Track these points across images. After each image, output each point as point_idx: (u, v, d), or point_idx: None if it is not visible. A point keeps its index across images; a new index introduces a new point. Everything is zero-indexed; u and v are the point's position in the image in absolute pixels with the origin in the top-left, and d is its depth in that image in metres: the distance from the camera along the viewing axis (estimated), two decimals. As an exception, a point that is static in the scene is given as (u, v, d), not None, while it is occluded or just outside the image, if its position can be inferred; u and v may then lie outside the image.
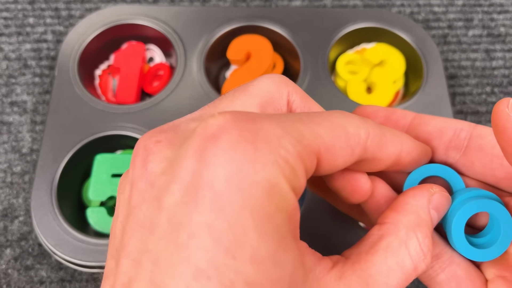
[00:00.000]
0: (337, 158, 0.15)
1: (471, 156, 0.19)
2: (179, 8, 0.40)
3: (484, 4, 0.45)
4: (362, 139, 0.16)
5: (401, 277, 0.15)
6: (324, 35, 0.39)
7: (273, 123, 0.14)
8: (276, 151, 0.13)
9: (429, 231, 0.17)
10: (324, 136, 0.15)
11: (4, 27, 0.43)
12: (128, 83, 0.38)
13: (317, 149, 0.15)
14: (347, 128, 0.15)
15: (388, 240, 0.16)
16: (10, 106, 0.39)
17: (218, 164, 0.13)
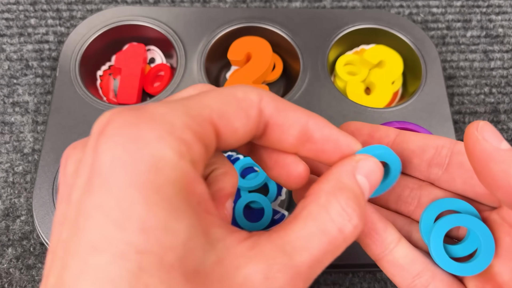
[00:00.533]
0: (234, 121, 0.16)
1: (452, 173, 0.19)
2: (179, 9, 0.40)
3: (482, 5, 0.46)
4: (255, 101, 0.16)
5: (323, 241, 0.15)
6: (323, 36, 0.39)
7: (159, 104, 0.15)
8: (160, 127, 0.14)
9: (354, 195, 0.16)
10: (212, 104, 0.15)
11: (5, 28, 0.43)
12: (129, 83, 0.38)
13: (208, 117, 0.15)
14: (236, 94, 0.16)
15: (309, 208, 0.16)
16: (12, 106, 0.40)
17: (105, 151, 0.14)
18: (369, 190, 0.17)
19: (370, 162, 0.18)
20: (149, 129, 0.14)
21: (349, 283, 0.34)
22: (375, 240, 0.19)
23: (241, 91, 0.16)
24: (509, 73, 0.42)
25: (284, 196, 0.37)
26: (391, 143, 0.20)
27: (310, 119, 0.18)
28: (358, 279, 0.34)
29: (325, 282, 0.34)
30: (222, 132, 0.16)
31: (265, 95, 0.17)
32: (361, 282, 0.34)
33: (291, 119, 0.17)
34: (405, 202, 0.21)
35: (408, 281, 0.19)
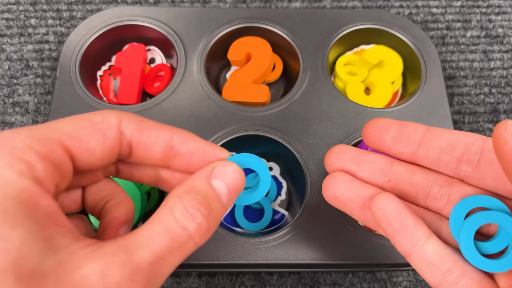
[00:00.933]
0: (88, 142, 0.17)
1: (482, 170, 0.19)
2: (179, 9, 0.40)
3: (482, 5, 0.46)
4: (113, 124, 0.18)
5: (166, 238, 0.16)
6: (323, 36, 0.39)
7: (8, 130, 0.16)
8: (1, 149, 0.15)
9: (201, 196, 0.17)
10: (64, 128, 0.17)
11: (6, 28, 0.43)
12: (130, 83, 0.38)
13: (57, 139, 0.17)
14: (93, 118, 0.18)
15: (158, 212, 0.17)
16: (12, 106, 0.40)
17: None
18: (228, 193, 0.18)
19: (227, 167, 0.19)
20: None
21: (349, 283, 0.34)
22: (405, 236, 0.19)
23: (99, 116, 0.18)
24: (508, 73, 0.42)
25: (284, 196, 0.37)
26: (420, 140, 0.20)
27: (174, 135, 0.19)
28: (358, 279, 0.35)
29: (325, 282, 0.34)
30: (76, 153, 0.17)
31: (125, 117, 0.18)
32: (361, 282, 0.34)
33: (153, 137, 0.19)
34: (434, 199, 0.21)
35: (438, 277, 0.19)
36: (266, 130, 0.35)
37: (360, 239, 0.31)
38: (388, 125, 0.21)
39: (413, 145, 0.20)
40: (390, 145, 0.21)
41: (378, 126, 0.21)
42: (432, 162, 0.20)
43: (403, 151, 0.21)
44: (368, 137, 0.21)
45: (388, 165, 0.21)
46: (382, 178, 0.21)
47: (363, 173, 0.21)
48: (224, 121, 0.35)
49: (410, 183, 0.21)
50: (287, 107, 0.36)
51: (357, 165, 0.21)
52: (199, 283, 0.34)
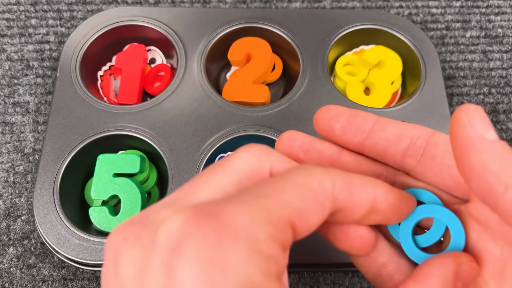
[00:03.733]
0: (310, 218, 0.15)
1: (424, 165, 0.19)
2: (179, 10, 0.40)
3: (481, 5, 0.46)
4: (329, 191, 0.16)
5: None
6: (323, 36, 0.39)
7: (237, 210, 0.13)
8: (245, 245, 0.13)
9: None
10: (292, 202, 0.15)
11: (6, 28, 0.43)
12: (130, 83, 0.38)
13: (289, 219, 0.14)
14: (311, 184, 0.15)
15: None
16: (13, 106, 0.40)
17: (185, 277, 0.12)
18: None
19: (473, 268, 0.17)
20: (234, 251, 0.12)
21: (349, 282, 0.34)
22: None
23: (316, 180, 0.15)
24: (508, 73, 0.42)
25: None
26: (368, 130, 0.20)
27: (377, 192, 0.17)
28: (358, 278, 0.35)
29: (325, 282, 0.35)
30: (298, 230, 0.15)
31: (339, 180, 0.16)
32: (361, 282, 0.34)
33: (361, 200, 0.17)
34: None
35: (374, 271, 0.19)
36: (266, 130, 0.35)
37: (360, 239, 0.31)
38: (338, 113, 0.20)
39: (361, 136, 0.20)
40: (339, 134, 0.20)
41: (329, 114, 0.20)
42: (378, 154, 0.20)
43: (351, 141, 0.20)
44: (318, 124, 0.21)
45: (336, 154, 0.21)
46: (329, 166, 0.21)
47: (310, 161, 0.21)
48: (224, 121, 0.35)
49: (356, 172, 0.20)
50: (287, 107, 0.36)
51: (305, 153, 0.21)
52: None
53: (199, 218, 0.13)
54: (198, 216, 0.13)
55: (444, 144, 0.18)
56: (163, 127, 0.35)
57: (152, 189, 0.36)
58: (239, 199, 0.14)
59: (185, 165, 0.34)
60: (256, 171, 0.16)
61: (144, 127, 0.35)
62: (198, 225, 0.13)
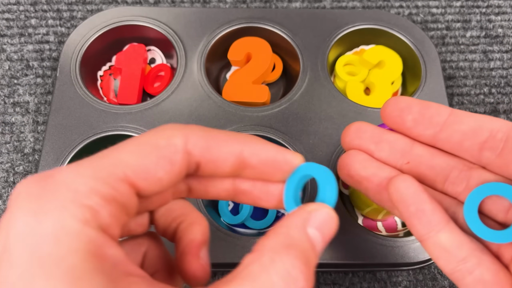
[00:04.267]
0: (155, 172, 0.16)
1: (506, 158, 0.18)
2: (179, 10, 0.40)
3: (482, 5, 0.46)
4: (179, 146, 0.16)
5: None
6: (323, 36, 0.39)
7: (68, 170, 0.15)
8: (62, 196, 0.14)
9: (302, 252, 0.15)
10: (128, 159, 0.15)
11: (6, 28, 0.43)
12: (130, 84, 0.38)
13: (122, 175, 0.15)
14: (157, 142, 0.16)
15: (250, 268, 0.15)
16: (13, 106, 0.40)
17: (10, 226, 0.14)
18: (322, 244, 0.16)
19: (324, 212, 0.17)
20: (51, 200, 0.14)
21: (349, 282, 0.34)
22: (422, 220, 0.18)
23: (163, 138, 0.16)
24: (508, 73, 0.42)
25: (284, 196, 0.37)
26: (443, 123, 0.19)
27: (244, 148, 0.17)
28: (358, 278, 0.35)
29: (325, 282, 0.34)
30: (142, 186, 0.16)
31: (192, 135, 0.17)
32: (361, 282, 0.34)
33: (223, 153, 0.17)
34: (453, 183, 0.20)
35: (452, 265, 0.18)
36: (266, 130, 0.35)
37: (360, 239, 0.31)
38: (409, 105, 0.20)
39: (435, 128, 0.19)
40: (410, 127, 0.20)
41: (399, 106, 0.20)
42: (453, 147, 0.19)
43: (423, 134, 0.20)
44: (387, 116, 0.20)
45: (408, 146, 0.20)
46: (401, 160, 0.21)
47: (381, 152, 0.21)
48: (224, 121, 0.35)
49: (430, 166, 0.20)
50: (287, 107, 0.36)
51: (376, 144, 0.20)
52: (199, 283, 0.34)
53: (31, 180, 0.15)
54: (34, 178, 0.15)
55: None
56: (163, 127, 0.35)
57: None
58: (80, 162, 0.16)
59: (185, 165, 0.33)
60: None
61: (144, 127, 0.35)
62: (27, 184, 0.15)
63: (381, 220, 0.35)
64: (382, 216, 0.34)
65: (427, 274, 0.35)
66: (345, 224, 0.32)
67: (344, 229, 0.32)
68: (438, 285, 0.35)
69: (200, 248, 0.18)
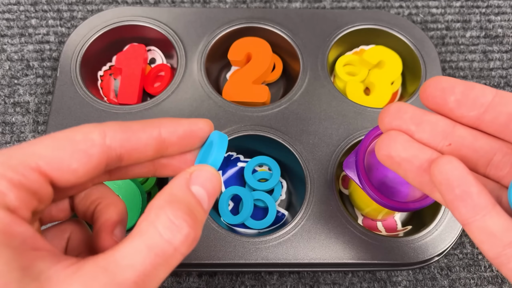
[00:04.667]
0: (69, 164, 0.17)
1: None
2: (180, 10, 0.40)
3: (481, 5, 0.46)
4: (97, 140, 0.17)
5: (150, 255, 0.15)
6: (323, 36, 0.39)
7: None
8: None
9: (185, 205, 0.17)
10: (41, 151, 0.16)
11: (6, 29, 0.43)
12: (130, 84, 0.38)
13: (34, 165, 0.16)
14: (74, 137, 0.17)
15: (139, 226, 0.16)
16: (13, 106, 0.40)
17: None
18: (208, 198, 0.18)
19: (204, 171, 0.18)
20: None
21: (348, 282, 0.35)
22: (467, 203, 0.18)
23: (79, 133, 0.17)
24: (508, 73, 0.42)
25: (284, 196, 0.37)
26: (488, 104, 0.19)
27: (161, 129, 0.19)
28: (357, 278, 0.35)
29: (325, 282, 0.35)
30: (56, 175, 0.17)
31: (109, 129, 0.18)
32: (361, 282, 0.35)
33: (143, 140, 0.18)
34: (496, 167, 0.20)
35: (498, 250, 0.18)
36: (266, 130, 0.35)
37: (360, 239, 0.31)
38: (452, 85, 0.19)
39: (479, 109, 0.19)
40: (453, 107, 0.19)
41: (441, 85, 0.19)
42: (498, 129, 0.19)
43: (467, 115, 0.19)
44: (428, 97, 0.20)
45: (450, 128, 0.20)
46: (442, 141, 0.20)
47: (423, 133, 0.20)
48: (224, 121, 0.35)
49: (472, 149, 0.20)
50: (287, 107, 0.36)
51: (417, 125, 0.20)
52: (199, 283, 0.34)
53: None
54: None
55: None
56: (163, 127, 0.35)
57: (152, 189, 0.36)
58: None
59: (185, 165, 0.34)
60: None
61: (144, 127, 0.35)
62: None
63: (381, 220, 0.35)
64: (382, 216, 0.34)
65: (427, 274, 0.35)
66: (345, 224, 0.32)
67: (344, 229, 0.32)
68: (438, 284, 0.35)
69: (114, 227, 0.19)
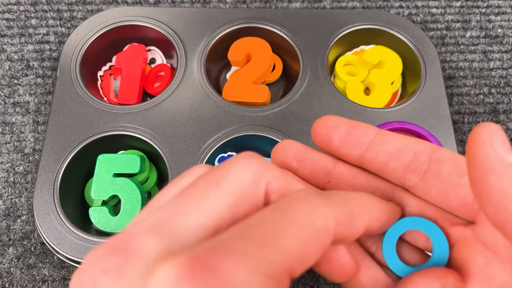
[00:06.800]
0: (310, 260, 0.14)
1: (428, 182, 0.18)
2: (180, 10, 0.40)
3: (481, 5, 0.46)
4: (331, 229, 0.15)
5: None
6: (323, 36, 0.39)
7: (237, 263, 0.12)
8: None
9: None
10: (294, 249, 0.14)
11: (6, 28, 0.43)
12: (130, 84, 0.38)
13: (289, 268, 0.14)
14: (315, 224, 0.14)
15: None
16: (13, 106, 0.40)
17: None
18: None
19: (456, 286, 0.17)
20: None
21: (348, 282, 0.34)
22: None
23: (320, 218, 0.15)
24: (508, 73, 0.42)
25: (284, 196, 0.37)
26: (368, 143, 0.19)
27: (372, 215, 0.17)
28: (357, 278, 0.35)
29: (325, 282, 0.35)
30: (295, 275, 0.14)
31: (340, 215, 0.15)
32: (361, 282, 0.34)
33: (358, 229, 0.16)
34: None
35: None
36: (266, 130, 0.35)
37: (360, 239, 0.31)
38: (337, 124, 0.19)
39: (361, 148, 0.19)
40: (337, 146, 0.19)
41: (327, 124, 0.19)
42: (378, 168, 0.19)
43: (350, 154, 0.19)
44: (316, 135, 0.20)
45: (331, 165, 0.20)
46: (324, 178, 0.20)
47: (304, 170, 0.20)
48: (224, 121, 0.35)
49: (351, 186, 0.20)
50: (287, 107, 0.36)
51: (299, 162, 0.20)
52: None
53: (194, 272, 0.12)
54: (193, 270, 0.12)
55: (450, 161, 0.17)
56: (163, 127, 0.35)
57: (152, 189, 0.36)
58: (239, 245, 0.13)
59: (185, 165, 0.34)
60: (252, 190, 0.15)
61: (144, 127, 0.35)
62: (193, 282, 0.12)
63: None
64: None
65: (427, 274, 0.35)
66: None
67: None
68: (438, 285, 0.35)
69: None
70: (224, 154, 0.36)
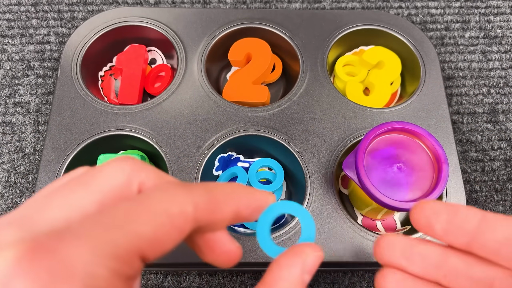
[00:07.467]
0: (165, 243, 0.15)
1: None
2: (180, 10, 0.40)
3: (480, 6, 0.46)
4: (190, 214, 0.16)
5: None
6: (323, 37, 0.39)
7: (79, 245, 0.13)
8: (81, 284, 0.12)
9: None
10: (144, 233, 0.14)
11: (7, 29, 0.43)
12: (131, 84, 0.38)
13: (138, 250, 0.14)
14: (171, 210, 0.15)
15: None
16: (14, 106, 0.40)
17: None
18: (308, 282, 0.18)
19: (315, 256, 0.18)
20: None
21: (348, 282, 0.35)
22: None
23: (176, 204, 0.15)
24: (507, 74, 0.42)
25: (284, 196, 0.37)
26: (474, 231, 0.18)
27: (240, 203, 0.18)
28: (357, 278, 0.35)
29: (325, 281, 0.35)
30: (150, 257, 0.15)
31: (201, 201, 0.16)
32: (360, 281, 0.35)
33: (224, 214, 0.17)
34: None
35: None
36: (266, 130, 0.35)
37: (360, 239, 0.31)
38: (436, 213, 0.19)
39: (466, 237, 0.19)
40: (441, 235, 0.19)
41: (425, 214, 0.19)
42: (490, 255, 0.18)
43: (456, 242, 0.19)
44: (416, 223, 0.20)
45: (442, 257, 0.20)
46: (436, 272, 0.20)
47: (414, 267, 0.20)
48: (224, 121, 0.35)
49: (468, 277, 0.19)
50: (287, 107, 0.36)
51: (407, 259, 0.20)
52: (200, 282, 0.35)
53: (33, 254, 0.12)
54: (32, 252, 0.12)
55: None
56: (164, 127, 0.35)
57: (153, 189, 0.36)
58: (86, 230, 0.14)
59: (185, 165, 0.34)
60: (123, 189, 0.16)
61: (145, 127, 0.35)
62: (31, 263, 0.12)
63: (381, 220, 0.35)
64: (381, 215, 0.34)
65: (426, 274, 0.35)
66: (345, 223, 0.32)
67: (343, 229, 0.32)
68: (437, 284, 0.35)
69: None
70: (224, 154, 0.36)
